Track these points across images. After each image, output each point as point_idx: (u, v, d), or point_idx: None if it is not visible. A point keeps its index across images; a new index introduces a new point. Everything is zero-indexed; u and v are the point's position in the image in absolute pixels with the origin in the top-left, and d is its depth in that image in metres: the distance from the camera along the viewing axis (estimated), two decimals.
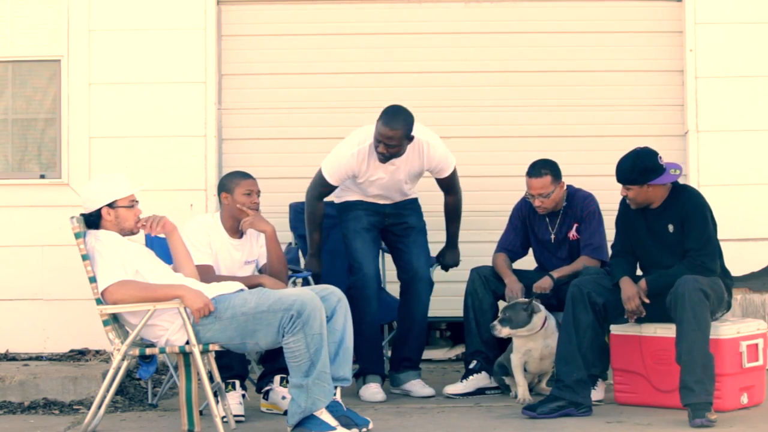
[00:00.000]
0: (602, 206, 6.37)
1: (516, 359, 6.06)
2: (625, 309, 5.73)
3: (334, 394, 5.33)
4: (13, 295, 7.15)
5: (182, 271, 5.50)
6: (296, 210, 6.81)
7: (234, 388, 5.77)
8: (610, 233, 6.30)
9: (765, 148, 7.19)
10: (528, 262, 6.53)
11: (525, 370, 6.09)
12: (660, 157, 5.69)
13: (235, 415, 5.58)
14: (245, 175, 6.02)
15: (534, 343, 6.02)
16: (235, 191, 5.93)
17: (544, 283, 6.18)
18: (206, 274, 5.69)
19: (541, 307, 6.01)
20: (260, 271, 6.03)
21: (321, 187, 6.32)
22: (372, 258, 6.37)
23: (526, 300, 5.96)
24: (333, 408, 5.29)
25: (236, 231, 5.98)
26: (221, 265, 5.89)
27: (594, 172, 7.06)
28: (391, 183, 6.35)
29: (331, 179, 6.27)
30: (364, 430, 5.37)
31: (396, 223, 6.49)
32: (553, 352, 6.00)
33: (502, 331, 5.96)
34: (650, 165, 5.66)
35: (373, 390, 6.19)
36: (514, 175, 6.63)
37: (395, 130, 6.07)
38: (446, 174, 6.39)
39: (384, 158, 6.15)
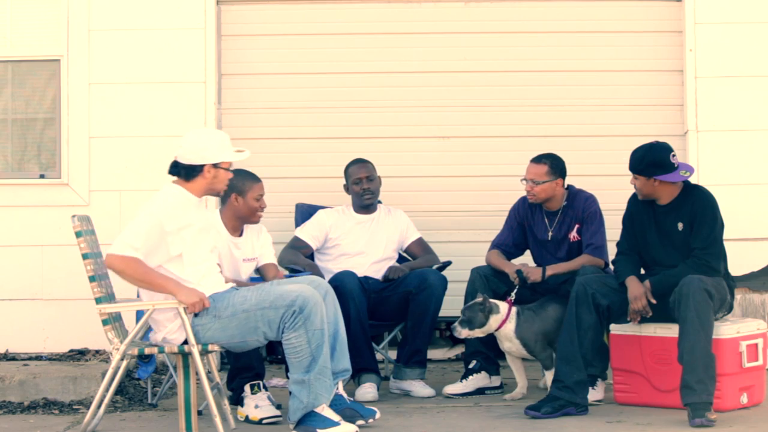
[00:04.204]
0: (603, 206, 6.37)
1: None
2: (629, 309, 5.73)
3: (336, 387, 5.33)
4: (13, 295, 7.15)
5: None
6: (302, 211, 6.84)
7: (260, 389, 5.75)
8: (611, 233, 6.31)
9: (765, 148, 7.19)
10: (526, 262, 6.53)
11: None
12: (673, 155, 5.72)
13: (270, 417, 5.60)
14: (256, 179, 5.99)
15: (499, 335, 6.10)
16: (247, 195, 5.89)
17: (535, 274, 6.19)
18: None
19: (501, 308, 6.01)
20: (258, 270, 6.03)
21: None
22: None
23: (481, 300, 5.96)
24: (337, 401, 5.29)
25: (237, 230, 5.98)
26: (223, 262, 5.89)
27: (594, 172, 7.07)
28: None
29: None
30: (371, 420, 5.38)
31: None
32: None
33: (462, 333, 5.99)
34: (659, 160, 5.69)
35: (365, 389, 6.18)
36: (514, 175, 6.62)
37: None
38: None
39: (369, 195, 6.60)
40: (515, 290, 6.18)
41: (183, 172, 5.29)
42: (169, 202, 5.24)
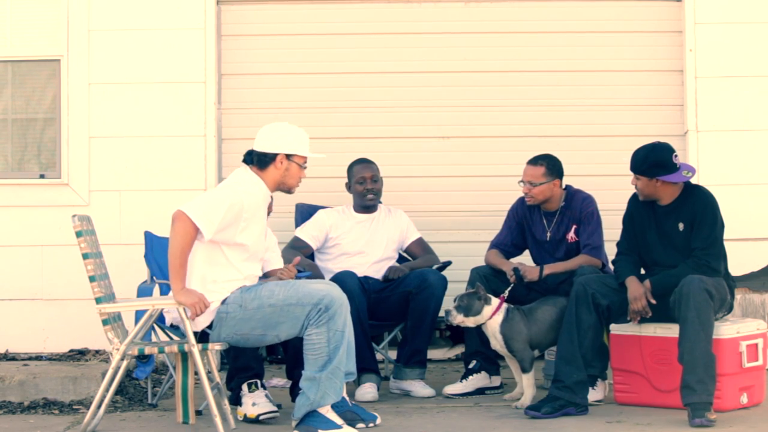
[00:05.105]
0: (602, 206, 6.37)
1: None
2: (629, 309, 5.74)
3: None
4: (13, 295, 7.16)
5: None
6: (302, 211, 6.84)
7: (257, 387, 5.75)
8: (609, 233, 6.31)
9: (765, 148, 7.20)
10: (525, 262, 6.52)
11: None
12: (675, 156, 5.72)
13: (267, 412, 5.58)
14: None
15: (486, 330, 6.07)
16: None
17: (532, 273, 6.19)
18: None
19: (493, 301, 6.01)
20: (266, 276, 6.03)
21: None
22: None
23: (476, 289, 5.97)
24: (339, 403, 5.29)
25: None
26: None
27: (594, 172, 7.08)
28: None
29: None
30: (371, 425, 5.38)
31: None
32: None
33: (457, 318, 5.97)
34: (662, 160, 5.69)
35: (365, 389, 6.18)
36: (513, 175, 6.62)
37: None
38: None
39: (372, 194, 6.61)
40: (510, 287, 6.18)
41: (257, 159, 5.30)
42: (252, 190, 5.23)
